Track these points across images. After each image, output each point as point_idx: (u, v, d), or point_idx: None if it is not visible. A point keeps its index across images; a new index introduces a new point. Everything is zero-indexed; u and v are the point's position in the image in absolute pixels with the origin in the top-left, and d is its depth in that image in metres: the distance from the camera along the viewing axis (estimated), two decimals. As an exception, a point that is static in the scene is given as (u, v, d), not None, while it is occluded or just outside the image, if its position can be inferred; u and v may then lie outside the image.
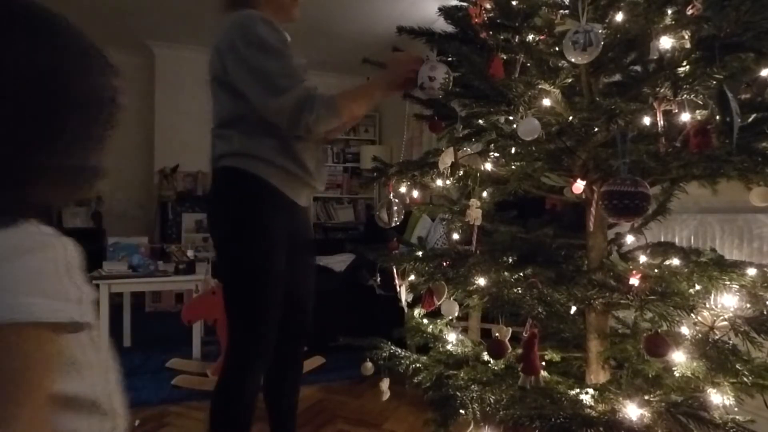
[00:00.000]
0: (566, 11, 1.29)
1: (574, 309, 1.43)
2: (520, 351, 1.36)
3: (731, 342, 1.21)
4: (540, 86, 1.24)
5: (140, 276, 3.20)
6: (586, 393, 1.27)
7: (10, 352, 0.48)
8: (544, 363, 1.37)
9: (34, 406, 0.48)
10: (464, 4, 1.49)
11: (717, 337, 1.14)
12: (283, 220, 1.56)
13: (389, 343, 1.66)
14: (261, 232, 1.51)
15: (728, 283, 1.16)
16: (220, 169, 1.52)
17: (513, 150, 1.43)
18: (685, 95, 1.17)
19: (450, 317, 1.57)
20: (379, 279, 1.72)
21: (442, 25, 1.53)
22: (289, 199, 1.56)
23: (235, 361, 1.52)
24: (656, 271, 1.25)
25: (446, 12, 1.51)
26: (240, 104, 1.45)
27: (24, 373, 0.48)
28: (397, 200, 1.62)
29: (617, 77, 1.44)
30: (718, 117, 1.08)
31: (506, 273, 1.40)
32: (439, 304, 1.51)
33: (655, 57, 1.19)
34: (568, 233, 1.55)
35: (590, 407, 1.22)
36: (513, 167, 1.44)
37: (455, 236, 1.69)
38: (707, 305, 1.14)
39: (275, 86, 1.38)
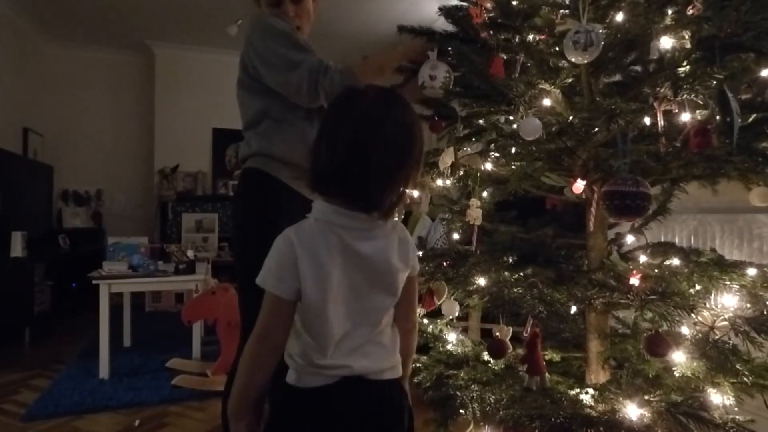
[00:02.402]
0: (567, 11, 1.29)
1: (574, 309, 1.43)
2: (520, 351, 1.36)
3: (731, 342, 1.21)
4: (540, 86, 1.24)
5: (140, 276, 3.19)
6: (586, 393, 1.27)
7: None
8: (544, 363, 1.37)
9: None
10: (465, 3, 1.49)
11: (717, 337, 1.14)
12: (297, 218, 1.56)
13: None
14: (272, 230, 1.52)
15: (728, 283, 1.16)
16: (242, 171, 1.56)
17: (513, 150, 1.43)
18: (685, 95, 1.17)
19: (450, 317, 1.57)
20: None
21: (442, 25, 1.53)
22: (304, 197, 1.57)
23: None
24: (656, 271, 1.25)
25: (447, 12, 1.51)
26: (257, 104, 1.49)
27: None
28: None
29: (617, 77, 1.44)
30: (718, 117, 1.08)
31: (506, 273, 1.40)
32: (439, 304, 1.51)
33: (655, 57, 1.19)
34: (568, 233, 1.55)
35: (590, 407, 1.22)
36: (513, 167, 1.44)
37: (455, 236, 1.69)
38: (707, 305, 1.14)
39: (290, 62, 1.42)
